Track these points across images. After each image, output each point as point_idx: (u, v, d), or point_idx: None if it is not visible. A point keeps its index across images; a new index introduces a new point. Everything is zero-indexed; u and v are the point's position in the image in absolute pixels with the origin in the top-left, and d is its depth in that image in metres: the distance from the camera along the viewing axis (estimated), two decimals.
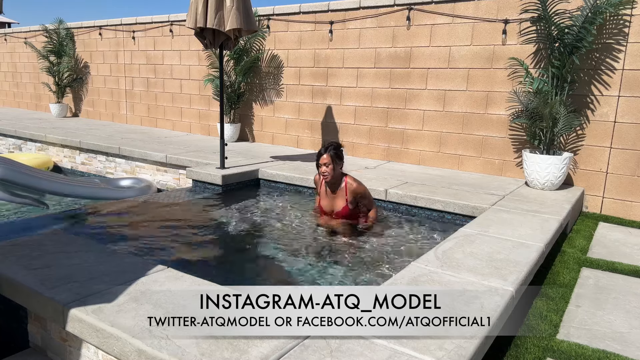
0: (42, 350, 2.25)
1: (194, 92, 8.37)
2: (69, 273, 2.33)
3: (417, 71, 5.83)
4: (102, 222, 4.07)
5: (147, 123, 9.27)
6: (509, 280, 2.44)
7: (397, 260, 3.32)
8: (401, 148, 6.09)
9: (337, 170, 3.91)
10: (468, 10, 5.39)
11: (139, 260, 2.62)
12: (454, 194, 4.36)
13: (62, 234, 2.99)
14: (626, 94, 4.62)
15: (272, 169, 5.29)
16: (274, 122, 7.35)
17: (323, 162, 3.85)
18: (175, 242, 3.66)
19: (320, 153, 3.90)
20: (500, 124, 5.36)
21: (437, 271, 2.54)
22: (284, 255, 3.44)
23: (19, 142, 8.07)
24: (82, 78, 10.41)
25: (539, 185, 4.69)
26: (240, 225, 4.10)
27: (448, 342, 1.83)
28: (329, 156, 3.83)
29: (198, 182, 5.13)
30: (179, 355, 1.68)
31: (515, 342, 2.33)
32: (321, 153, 3.88)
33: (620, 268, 3.33)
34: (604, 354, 2.25)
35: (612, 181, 4.76)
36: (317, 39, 6.64)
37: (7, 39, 12.21)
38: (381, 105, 6.15)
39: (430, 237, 3.83)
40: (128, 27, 9.23)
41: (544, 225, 3.48)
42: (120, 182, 6.25)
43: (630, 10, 4.50)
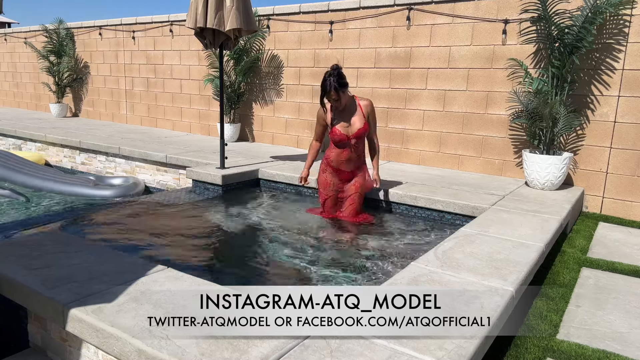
0: (42, 350, 2.25)
1: (194, 92, 8.37)
2: (69, 273, 2.33)
3: (417, 71, 5.83)
4: (102, 222, 4.07)
5: (147, 123, 9.27)
6: (509, 280, 2.44)
7: (397, 260, 3.32)
8: (401, 148, 6.09)
9: (347, 95, 3.92)
10: (468, 10, 5.39)
11: (139, 260, 2.62)
12: (454, 194, 4.36)
13: (62, 234, 2.99)
14: (626, 94, 4.62)
15: (272, 169, 5.29)
16: (274, 122, 7.35)
17: (332, 99, 3.85)
18: (175, 242, 3.66)
19: (325, 90, 3.83)
20: (500, 124, 5.36)
21: (437, 271, 2.54)
22: (284, 255, 3.44)
23: (19, 142, 8.08)
24: (82, 78, 10.41)
25: (539, 185, 4.69)
26: (240, 225, 4.10)
27: (448, 342, 1.83)
28: (335, 92, 3.80)
29: (198, 182, 5.13)
30: (179, 355, 1.68)
31: (515, 342, 2.33)
32: (326, 89, 3.82)
33: (620, 268, 3.33)
34: (604, 354, 2.25)
35: (612, 181, 4.76)
36: (317, 39, 6.64)
37: (7, 39, 12.21)
38: (381, 105, 6.15)
39: (430, 237, 3.83)
40: (128, 27, 9.23)
41: (544, 225, 3.48)
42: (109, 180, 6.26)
43: (630, 10, 4.50)
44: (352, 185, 4.19)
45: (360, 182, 4.18)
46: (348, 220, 4.15)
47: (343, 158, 4.09)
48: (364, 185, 4.21)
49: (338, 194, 4.21)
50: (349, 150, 4.05)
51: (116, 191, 5.78)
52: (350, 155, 4.07)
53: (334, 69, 3.84)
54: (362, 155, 4.18)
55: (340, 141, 4.03)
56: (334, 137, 4.04)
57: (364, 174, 4.22)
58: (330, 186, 4.20)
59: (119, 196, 5.71)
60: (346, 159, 4.09)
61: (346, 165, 4.12)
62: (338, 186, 4.19)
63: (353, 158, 4.09)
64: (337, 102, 3.88)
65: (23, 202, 5.72)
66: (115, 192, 5.75)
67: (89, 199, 5.71)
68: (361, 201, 4.23)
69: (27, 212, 5.28)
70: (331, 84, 3.78)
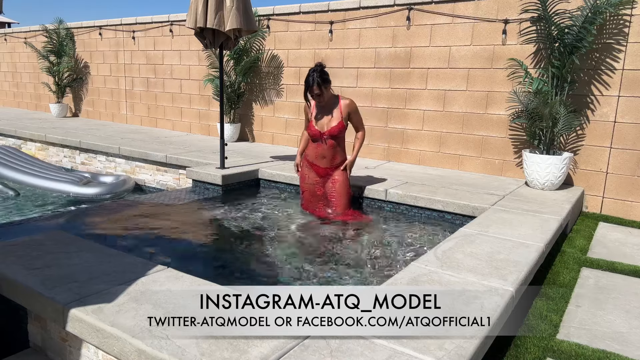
0: (42, 350, 2.25)
1: (194, 92, 8.37)
2: (69, 273, 2.33)
3: (417, 71, 5.83)
4: (103, 222, 4.07)
5: (147, 123, 9.26)
6: (509, 280, 2.44)
7: (397, 260, 3.32)
8: (401, 148, 6.09)
9: (329, 91, 4.10)
10: (468, 10, 5.39)
11: (139, 260, 2.62)
12: (454, 194, 4.36)
13: (62, 234, 2.98)
14: (626, 94, 4.61)
15: (272, 169, 5.29)
16: (274, 122, 7.35)
17: (315, 93, 4.01)
18: (175, 242, 3.66)
19: (308, 84, 4.00)
20: (500, 124, 5.36)
21: (437, 271, 2.54)
22: (284, 255, 3.44)
23: (19, 142, 8.08)
24: (82, 78, 10.41)
25: (539, 185, 4.69)
26: (240, 225, 4.10)
27: (448, 342, 1.83)
28: (317, 87, 3.97)
29: (198, 182, 5.13)
30: (179, 355, 1.68)
31: (515, 342, 2.33)
32: (309, 84, 3.99)
33: (620, 268, 3.33)
34: (604, 354, 2.25)
35: (612, 181, 4.76)
36: (317, 39, 6.64)
37: (7, 39, 12.21)
38: (381, 105, 6.15)
39: (430, 237, 3.83)
40: (128, 27, 9.23)
41: (544, 225, 3.48)
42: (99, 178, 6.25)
43: (630, 10, 4.49)
44: (331, 182, 4.27)
45: (339, 180, 4.25)
46: (340, 219, 4.18)
47: (317, 153, 4.24)
48: (345, 182, 4.28)
49: (315, 188, 4.32)
50: (323, 146, 4.18)
51: (104, 189, 5.76)
52: (324, 151, 4.20)
53: (317, 65, 4.02)
54: (339, 154, 4.26)
55: (314, 136, 4.20)
56: (309, 131, 4.24)
57: (343, 173, 4.29)
58: (306, 179, 4.35)
59: (108, 194, 5.70)
60: (320, 154, 4.22)
61: (320, 161, 4.24)
62: (314, 180, 4.31)
63: (327, 155, 4.21)
64: (320, 97, 4.04)
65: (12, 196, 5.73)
66: (104, 190, 5.73)
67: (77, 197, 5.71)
68: (346, 200, 4.27)
69: (20, 210, 5.31)
70: (314, 79, 3.96)
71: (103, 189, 5.77)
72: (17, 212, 5.26)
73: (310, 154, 4.28)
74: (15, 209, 5.35)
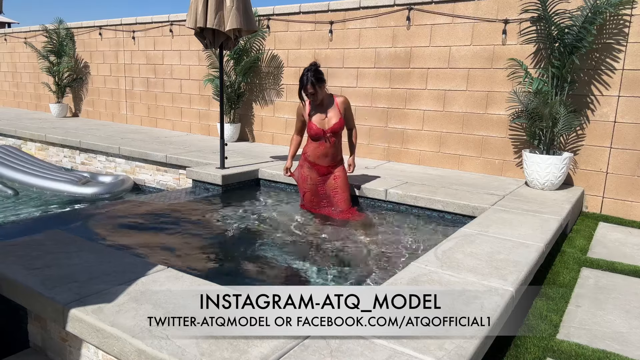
0: (42, 350, 2.25)
1: (194, 92, 8.37)
2: (69, 273, 2.33)
3: (417, 71, 5.83)
4: (103, 222, 4.07)
5: (147, 123, 9.26)
6: (509, 280, 2.44)
7: (397, 260, 3.32)
8: (401, 148, 6.09)
9: (324, 90, 4.11)
10: (468, 10, 5.39)
11: (139, 260, 2.62)
12: (454, 194, 4.36)
13: (62, 234, 2.98)
14: (626, 94, 4.61)
15: (272, 169, 5.29)
16: (274, 122, 7.35)
17: (309, 92, 4.02)
18: (175, 242, 3.66)
19: (302, 84, 4.02)
20: (500, 124, 5.36)
21: (437, 271, 2.54)
22: (284, 255, 3.44)
23: (19, 142, 8.08)
24: (82, 78, 10.41)
25: (539, 185, 4.69)
26: (240, 225, 4.10)
27: (448, 342, 1.83)
28: (311, 86, 3.98)
29: (198, 182, 5.13)
30: (179, 355, 1.68)
31: (515, 342, 2.33)
32: (303, 83, 4.00)
33: (620, 268, 3.33)
34: (604, 354, 2.25)
35: (612, 181, 4.76)
36: (317, 39, 6.64)
37: (7, 39, 12.21)
38: (381, 105, 6.15)
39: (430, 237, 3.83)
40: (128, 27, 9.23)
41: (544, 225, 3.48)
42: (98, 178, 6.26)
43: (630, 10, 4.49)
44: (332, 179, 4.30)
45: (340, 176, 4.31)
46: (344, 217, 4.18)
47: (319, 152, 4.24)
48: (345, 178, 4.35)
49: (317, 188, 4.34)
50: (325, 144, 4.20)
51: (103, 189, 5.76)
52: (327, 150, 4.22)
53: (312, 65, 4.04)
54: (339, 151, 4.33)
55: (316, 135, 4.19)
56: (311, 131, 4.21)
57: (343, 168, 4.37)
58: (308, 180, 4.35)
59: (106, 193, 5.71)
60: (322, 153, 4.23)
61: (322, 160, 4.26)
62: (316, 180, 4.32)
63: (329, 153, 4.23)
64: (314, 95, 4.05)
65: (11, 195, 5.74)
66: (102, 190, 5.74)
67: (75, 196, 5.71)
68: (348, 194, 4.36)
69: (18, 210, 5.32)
70: (308, 78, 3.97)
71: (101, 188, 5.77)
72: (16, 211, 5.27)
73: (311, 154, 4.28)
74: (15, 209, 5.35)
